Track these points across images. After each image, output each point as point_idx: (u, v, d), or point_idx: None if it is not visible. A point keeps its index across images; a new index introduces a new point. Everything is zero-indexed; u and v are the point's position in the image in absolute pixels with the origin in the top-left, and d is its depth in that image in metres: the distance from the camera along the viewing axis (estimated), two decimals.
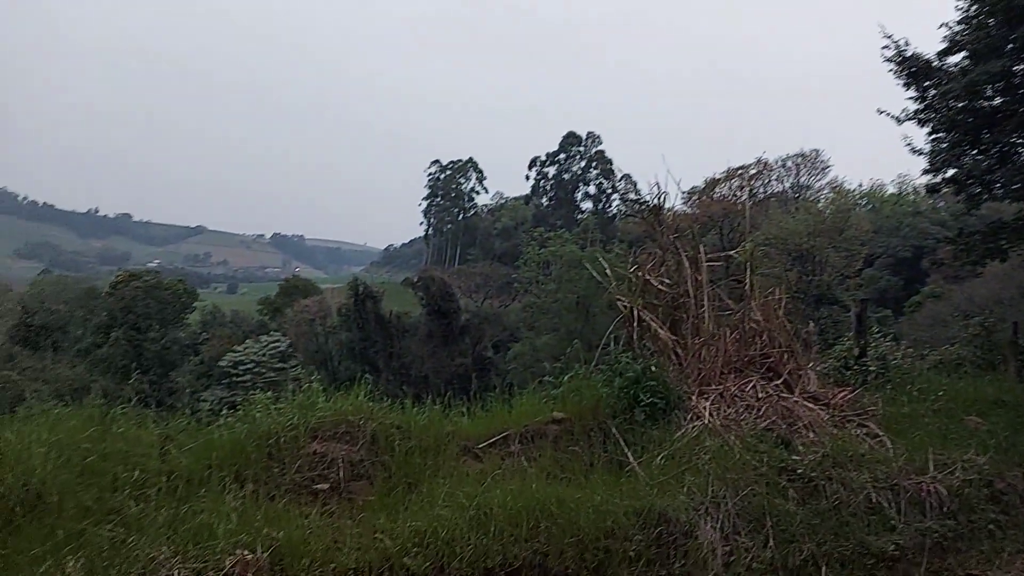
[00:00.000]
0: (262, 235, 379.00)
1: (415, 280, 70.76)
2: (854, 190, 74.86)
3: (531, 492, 5.29)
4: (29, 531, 4.19)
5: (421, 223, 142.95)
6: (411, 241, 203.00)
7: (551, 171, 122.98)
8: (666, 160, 9.57)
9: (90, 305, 58.88)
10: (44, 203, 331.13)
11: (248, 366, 52.62)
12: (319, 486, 5.42)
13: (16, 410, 6.26)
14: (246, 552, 4.15)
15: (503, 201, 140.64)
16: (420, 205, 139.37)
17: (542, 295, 61.54)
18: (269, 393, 6.84)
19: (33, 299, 61.56)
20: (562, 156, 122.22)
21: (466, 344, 62.62)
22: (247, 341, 55.48)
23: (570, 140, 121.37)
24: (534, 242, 77.65)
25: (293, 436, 5.68)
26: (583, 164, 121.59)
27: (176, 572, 3.96)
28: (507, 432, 6.70)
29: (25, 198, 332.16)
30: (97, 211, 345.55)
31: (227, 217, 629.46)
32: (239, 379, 51.26)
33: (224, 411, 7.01)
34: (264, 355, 53.86)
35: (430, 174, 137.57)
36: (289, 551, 4.33)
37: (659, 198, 9.53)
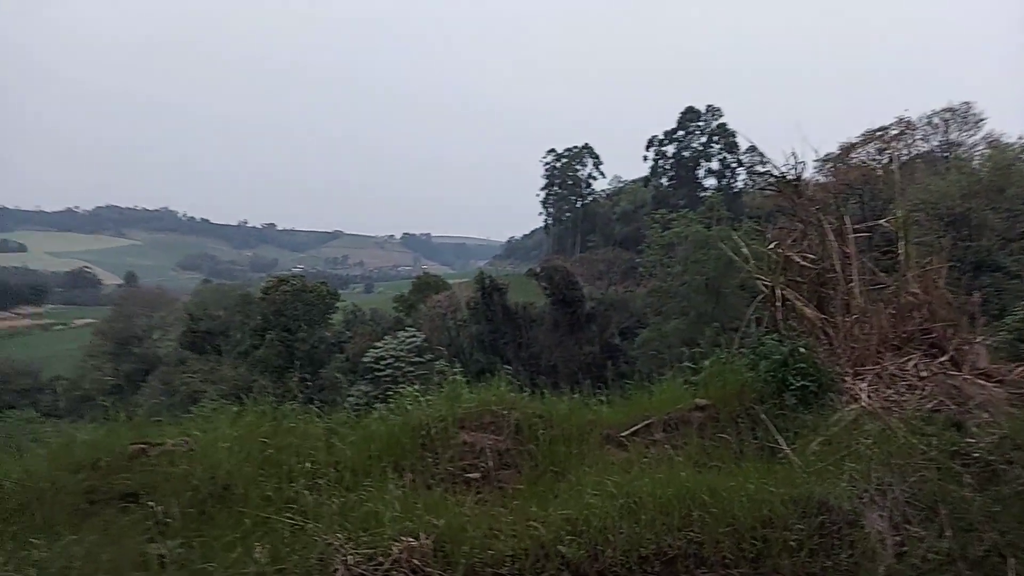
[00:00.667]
0: (393, 236, 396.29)
1: (538, 270, 71.41)
2: (1014, 144, 67.30)
3: (680, 480, 5.21)
4: (220, 519, 4.65)
5: (540, 213, 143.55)
6: (531, 232, 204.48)
7: (670, 149, 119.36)
8: (800, 127, 9.05)
9: (246, 310, 64.13)
10: (201, 219, 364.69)
11: (388, 361, 55.27)
12: (471, 475, 5.63)
13: (191, 409, 6.90)
14: (411, 539, 4.39)
15: (621, 184, 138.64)
16: (538, 195, 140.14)
17: (668, 278, 60.14)
18: (416, 386, 7.17)
19: (197, 307, 68.06)
20: (681, 133, 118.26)
21: (593, 332, 62.46)
22: (385, 337, 58.20)
23: (689, 116, 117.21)
24: (656, 224, 75.83)
25: (443, 427, 5.93)
26: (704, 139, 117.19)
27: (350, 557, 4.25)
28: (649, 420, 6.64)
29: (185, 215, 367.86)
30: (246, 223, 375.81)
31: (361, 220, 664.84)
32: (381, 374, 53.98)
33: (371, 405, 7.42)
34: (402, 350, 56.36)
35: (547, 163, 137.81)
36: (450, 538, 4.53)
37: (796, 168, 9.02)
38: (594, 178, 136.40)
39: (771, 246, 8.77)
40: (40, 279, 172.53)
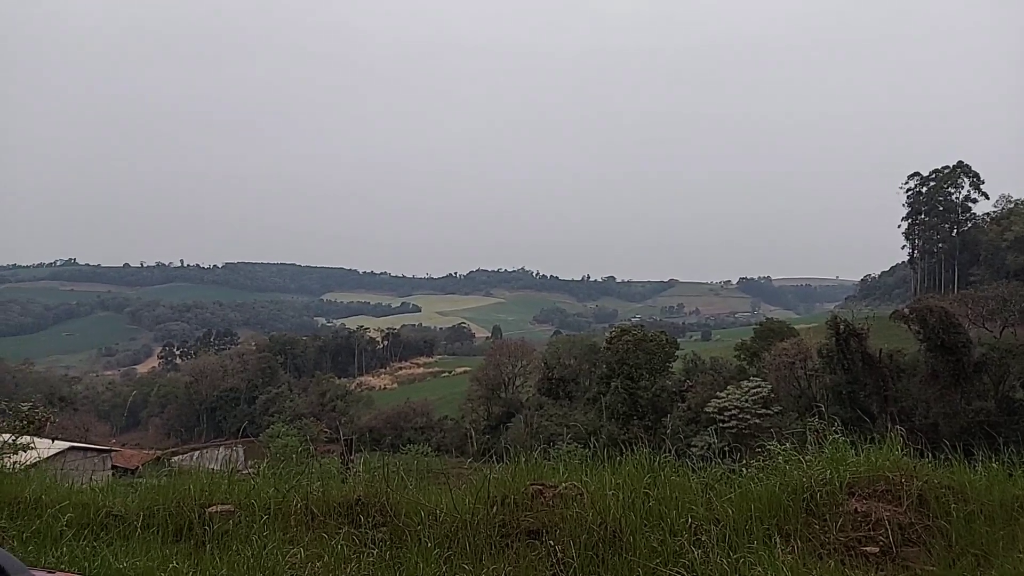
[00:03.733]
0: (729, 281, 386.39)
1: (907, 312, 62.61)
2: None
3: None
4: (612, 564, 4.91)
5: (903, 246, 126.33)
6: (891, 268, 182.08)
7: None
8: None
9: (592, 359, 67.99)
10: (551, 276, 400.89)
11: (732, 412, 53.32)
12: (868, 548, 5.07)
13: (548, 451, 7.41)
14: None
15: (1012, 205, 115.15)
16: (899, 226, 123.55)
17: None
18: (787, 445, 6.76)
19: (551, 357, 74.29)
20: None
21: (984, 384, 52.27)
22: (728, 387, 56.39)
23: None
24: None
25: (829, 492, 5.47)
26: None
27: None
28: None
29: (537, 273, 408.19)
30: (589, 277, 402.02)
31: (695, 268, 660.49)
32: (725, 425, 52.24)
33: (716, 458, 7.14)
34: (747, 401, 53.93)
35: (909, 189, 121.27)
36: None
37: None
38: (973, 200, 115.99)
39: None
40: (430, 334, 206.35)
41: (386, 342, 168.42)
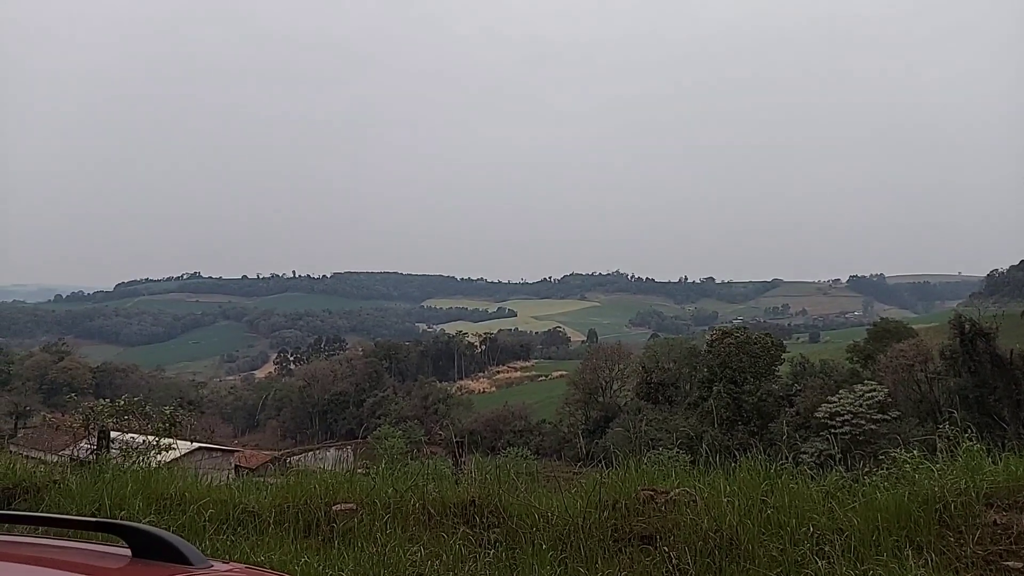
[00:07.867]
0: (838, 280, 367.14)
1: None
2: None
3: None
4: (730, 572, 4.83)
5: None
6: (1021, 262, 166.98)
7: None
8: None
9: (693, 362, 66.23)
10: (647, 278, 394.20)
11: (845, 417, 50.64)
12: (1010, 563, 4.74)
13: (651, 456, 7.28)
14: None
15: None
16: None
17: None
18: (914, 452, 6.40)
19: (649, 360, 72.96)
20: None
21: None
22: (840, 391, 53.63)
23: None
24: None
25: (964, 503, 5.15)
26: None
27: None
28: None
29: (633, 275, 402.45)
30: (686, 279, 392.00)
31: (801, 267, 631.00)
32: (837, 431, 49.66)
33: (832, 464, 6.81)
34: (861, 405, 51.10)
35: None
36: None
37: None
38: None
39: None
40: (526, 339, 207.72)
41: (484, 347, 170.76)
